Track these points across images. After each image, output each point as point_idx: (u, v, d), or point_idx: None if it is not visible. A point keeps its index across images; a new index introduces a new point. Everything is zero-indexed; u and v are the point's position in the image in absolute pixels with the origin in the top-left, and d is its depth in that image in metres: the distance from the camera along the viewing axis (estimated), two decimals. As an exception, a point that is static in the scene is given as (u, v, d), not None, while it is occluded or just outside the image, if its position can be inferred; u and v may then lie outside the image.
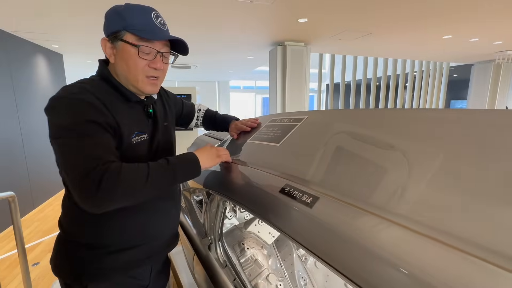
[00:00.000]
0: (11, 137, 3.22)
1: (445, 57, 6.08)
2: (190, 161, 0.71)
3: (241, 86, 11.61)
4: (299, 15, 2.95)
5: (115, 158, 0.62)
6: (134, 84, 0.71)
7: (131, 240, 0.75)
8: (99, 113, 0.63)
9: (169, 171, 0.65)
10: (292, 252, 1.39)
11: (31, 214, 3.43)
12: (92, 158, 0.57)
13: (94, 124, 0.61)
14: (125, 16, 0.66)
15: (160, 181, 0.63)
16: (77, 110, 0.61)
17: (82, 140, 0.59)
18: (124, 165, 0.60)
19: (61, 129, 0.60)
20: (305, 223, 0.46)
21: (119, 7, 0.68)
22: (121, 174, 0.57)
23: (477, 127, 0.43)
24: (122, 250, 0.74)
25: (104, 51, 0.70)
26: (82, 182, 0.55)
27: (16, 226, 1.59)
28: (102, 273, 0.73)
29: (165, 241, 0.86)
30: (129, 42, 0.66)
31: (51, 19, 2.90)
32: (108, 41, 0.69)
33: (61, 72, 4.60)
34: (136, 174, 0.60)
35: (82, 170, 0.56)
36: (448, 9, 2.83)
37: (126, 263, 0.75)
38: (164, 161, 0.66)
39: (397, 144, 0.49)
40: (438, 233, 0.33)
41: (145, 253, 0.78)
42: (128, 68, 0.69)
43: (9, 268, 2.26)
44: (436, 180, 0.39)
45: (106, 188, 0.55)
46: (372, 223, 0.39)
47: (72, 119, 0.60)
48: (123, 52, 0.68)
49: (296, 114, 0.86)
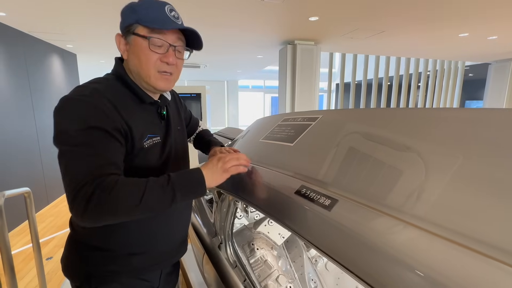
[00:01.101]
0: (28, 135, 3.32)
1: (460, 56, 5.90)
2: (194, 181, 0.63)
3: (250, 85, 11.61)
4: (310, 14, 2.91)
5: (116, 169, 0.59)
6: (146, 80, 0.69)
7: (141, 245, 0.74)
8: (107, 118, 0.60)
9: (168, 192, 0.59)
10: (302, 253, 1.37)
11: (45, 209, 3.53)
12: (86, 171, 0.55)
13: (99, 131, 0.59)
14: (137, 10, 0.65)
15: (156, 202, 0.58)
16: (83, 115, 0.59)
17: (81, 149, 0.57)
18: (120, 181, 0.56)
19: (64, 135, 0.58)
20: (324, 227, 0.44)
21: (134, 3, 0.67)
22: (113, 191, 0.54)
23: (497, 127, 0.41)
24: (132, 255, 0.73)
25: (118, 47, 0.69)
26: (73, 197, 0.54)
27: (31, 221, 1.63)
28: (111, 276, 0.72)
29: (175, 248, 0.84)
30: (140, 35, 0.65)
31: (68, 20, 2.97)
32: (122, 37, 0.68)
33: (75, 72, 4.71)
34: (130, 192, 0.55)
35: (75, 185, 0.54)
36: (465, 7, 2.73)
37: (136, 267, 0.74)
38: (165, 179, 0.60)
39: (419, 145, 0.47)
40: (466, 239, 0.31)
41: (155, 258, 0.77)
42: (140, 62, 0.66)
43: (24, 261, 2.33)
44: (461, 182, 0.37)
45: (94, 206, 0.53)
46: (397, 229, 0.37)
47: (76, 125, 0.58)
48: (135, 46, 0.66)
49: (310, 113, 0.84)
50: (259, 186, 0.68)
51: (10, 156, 2.99)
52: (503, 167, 0.35)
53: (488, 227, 0.31)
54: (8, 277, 1.33)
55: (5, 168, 2.90)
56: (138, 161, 0.67)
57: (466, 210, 0.34)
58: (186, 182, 0.61)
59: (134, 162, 0.66)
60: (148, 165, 0.70)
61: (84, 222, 0.54)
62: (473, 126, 0.44)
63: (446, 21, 3.21)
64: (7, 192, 1.36)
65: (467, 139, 0.42)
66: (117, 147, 0.62)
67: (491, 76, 6.26)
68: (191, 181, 0.62)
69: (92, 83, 0.66)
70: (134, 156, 0.66)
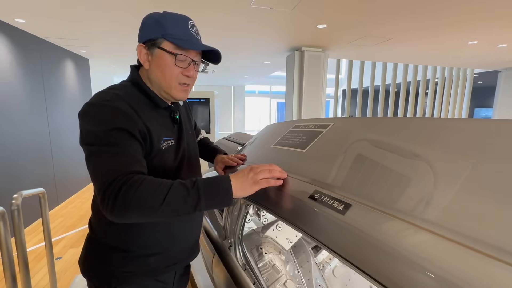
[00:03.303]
0: (40, 137, 3.41)
1: (469, 63, 5.85)
2: (221, 188, 0.60)
3: (256, 90, 11.69)
4: (319, 21, 2.95)
5: (141, 168, 0.61)
6: (167, 91, 0.73)
7: (159, 246, 0.77)
8: (130, 120, 0.63)
9: (193, 195, 0.57)
10: (310, 259, 1.38)
11: (55, 210, 3.60)
12: (115, 168, 0.58)
13: (124, 132, 0.61)
14: (164, 24, 0.68)
15: (179, 204, 0.57)
16: (108, 117, 0.62)
17: (109, 149, 0.59)
18: (146, 180, 0.57)
19: (91, 136, 0.61)
20: (338, 231, 0.46)
21: (158, 15, 0.70)
22: (139, 188, 0.55)
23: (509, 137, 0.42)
24: (150, 255, 0.75)
25: (139, 56, 0.72)
26: (103, 193, 0.56)
27: (45, 221, 1.68)
28: (129, 276, 0.74)
29: (189, 249, 0.87)
30: (167, 50, 0.68)
31: (83, 27, 3.07)
32: (144, 47, 0.70)
33: (87, 76, 4.84)
34: (156, 191, 0.56)
35: (105, 181, 0.56)
36: (475, 15, 2.73)
37: (152, 268, 0.76)
38: (191, 182, 0.59)
39: (428, 153, 0.48)
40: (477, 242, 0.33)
41: (171, 259, 0.80)
42: (163, 75, 0.71)
43: (35, 260, 2.38)
44: (471, 189, 0.39)
45: (122, 201, 0.55)
46: (408, 232, 0.39)
47: (102, 127, 0.61)
48: (160, 59, 0.69)
49: (321, 121, 0.86)
50: (272, 190, 0.70)
51: (25, 156, 3.08)
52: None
53: (498, 231, 0.33)
54: (22, 274, 1.37)
55: (19, 167, 2.99)
56: (155, 163, 0.70)
57: (475, 215, 0.36)
58: (213, 189, 0.59)
59: (151, 164, 0.68)
60: (164, 167, 0.73)
61: (113, 217, 0.56)
62: (483, 135, 0.46)
63: (455, 29, 3.22)
64: (24, 192, 1.41)
65: (477, 148, 0.44)
66: (139, 148, 0.65)
67: (501, 83, 6.19)
68: (219, 188, 0.60)
69: (111, 89, 0.70)
70: (152, 158, 0.69)
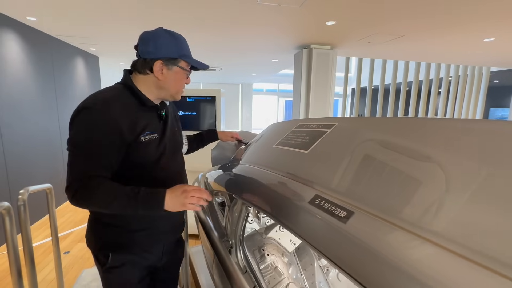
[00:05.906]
0: (51, 133, 3.48)
1: (485, 61, 5.63)
2: (155, 201, 0.76)
3: (264, 88, 11.64)
4: (328, 18, 2.88)
5: (104, 172, 0.77)
6: (174, 96, 0.91)
7: (144, 225, 0.90)
8: (107, 127, 0.76)
9: (132, 204, 0.74)
10: (314, 262, 1.34)
11: (64, 204, 3.68)
12: (80, 170, 0.75)
13: (96, 141, 0.75)
14: (180, 46, 0.86)
15: (120, 210, 0.76)
16: (90, 124, 0.76)
17: (80, 152, 0.76)
18: (101, 186, 0.74)
19: (72, 138, 0.77)
20: (338, 239, 0.43)
21: (173, 35, 0.86)
22: (91, 192, 0.73)
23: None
24: (136, 231, 0.89)
25: (154, 69, 0.84)
26: (67, 186, 0.75)
27: (51, 216, 1.70)
28: (121, 247, 0.89)
29: (172, 226, 1.01)
30: (184, 68, 0.88)
31: (92, 25, 3.11)
32: (162, 64, 0.84)
33: (97, 74, 4.91)
34: (102, 197, 0.74)
35: (70, 178, 0.75)
36: (491, 11, 2.61)
37: (140, 241, 0.90)
38: (134, 192, 0.75)
39: (439, 157, 0.44)
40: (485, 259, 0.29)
41: (156, 236, 0.94)
42: (176, 85, 0.89)
43: (43, 254, 2.43)
44: (484, 199, 0.35)
45: (77, 199, 0.75)
46: (413, 244, 0.36)
47: (82, 134, 0.76)
48: (177, 74, 0.88)
49: (325, 120, 0.82)
50: (271, 193, 0.67)
51: (36, 152, 3.15)
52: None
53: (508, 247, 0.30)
54: (28, 268, 1.39)
55: (30, 163, 3.06)
56: (138, 154, 0.83)
57: (490, 229, 0.32)
58: (149, 200, 0.75)
59: (134, 155, 0.82)
60: (147, 157, 0.86)
61: (72, 204, 0.77)
62: (498, 140, 0.41)
63: (470, 25, 3.08)
64: (31, 188, 1.43)
65: (492, 153, 0.40)
66: (111, 151, 0.78)
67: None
68: (153, 201, 0.75)
69: (101, 93, 0.82)
70: (133, 150, 0.82)
